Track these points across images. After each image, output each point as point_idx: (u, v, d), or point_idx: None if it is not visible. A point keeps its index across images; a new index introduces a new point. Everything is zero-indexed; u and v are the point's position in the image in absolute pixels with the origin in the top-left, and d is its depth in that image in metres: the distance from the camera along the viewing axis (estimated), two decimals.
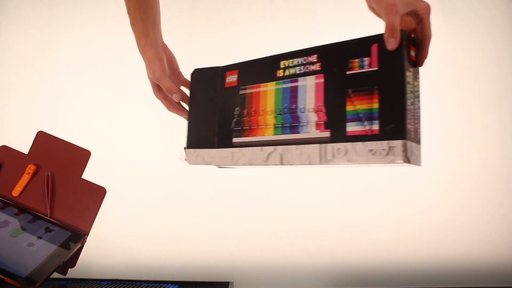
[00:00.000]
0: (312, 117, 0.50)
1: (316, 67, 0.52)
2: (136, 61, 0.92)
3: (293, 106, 0.53)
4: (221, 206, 0.80)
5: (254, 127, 0.56)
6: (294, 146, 0.51)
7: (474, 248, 0.76)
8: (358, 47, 0.48)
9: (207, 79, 0.64)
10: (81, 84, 0.90)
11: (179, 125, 0.85)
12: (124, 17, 0.93)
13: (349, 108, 0.47)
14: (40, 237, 0.77)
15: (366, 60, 0.47)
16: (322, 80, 0.50)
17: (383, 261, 0.76)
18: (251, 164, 0.56)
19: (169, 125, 0.85)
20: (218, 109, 0.61)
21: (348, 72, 0.48)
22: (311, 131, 0.50)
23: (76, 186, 0.83)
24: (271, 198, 0.81)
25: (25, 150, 0.86)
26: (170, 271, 0.77)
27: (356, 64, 0.48)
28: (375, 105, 0.45)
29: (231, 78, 0.61)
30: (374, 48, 0.47)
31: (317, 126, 0.50)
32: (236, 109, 0.59)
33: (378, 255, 0.76)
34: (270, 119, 0.55)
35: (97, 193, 0.82)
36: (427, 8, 0.53)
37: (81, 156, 0.85)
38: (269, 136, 0.54)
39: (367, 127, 0.45)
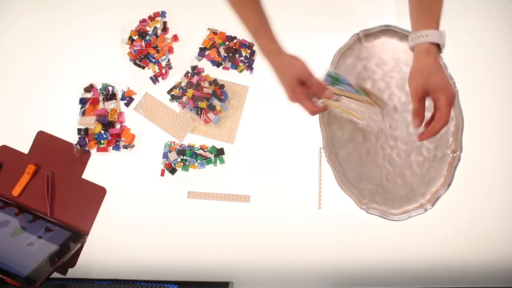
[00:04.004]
0: None
1: None
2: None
3: None
4: (222, 205, 0.80)
5: None
6: None
7: (474, 248, 0.76)
8: None
9: None
10: (82, 83, 0.89)
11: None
12: (124, 11, 0.93)
13: None
14: (40, 237, 0.77)
15: None
16: None
17: (383, 261, 0.76)
18: None
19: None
20: None
21: None
22: None
23: (76, 186, 0.83)
24: (271, 197, 0.81)
25: (25, 150, 0.86)
26: (170, 271, 0.77)
27: None
28: None
29: None
30: None
31: None
32: None
33: (378, 255, 0.76)
34: None
35: (97, 193, 0.83)
36: (451, 97, 0.58)
37: (81, 155, 0.85)
38: None
39: None
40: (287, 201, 0.80)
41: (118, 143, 0.84)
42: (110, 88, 0.87)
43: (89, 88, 0.87)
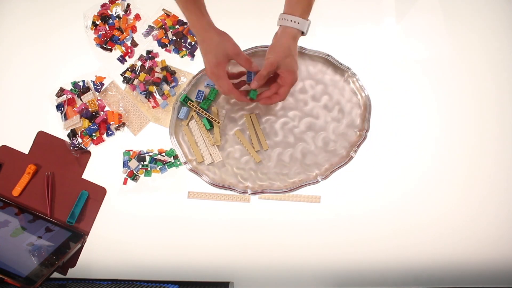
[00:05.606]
0: None
1: None
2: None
3: None
4: (222, 205, 0.80)
5: None
6: None
7: (474, 248, 0.76)
8: None
9: None
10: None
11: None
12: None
13: None
14: (40, 237, 0.77)
15: None
16: None
17: (383, 261, 0.76)
18: None
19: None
20: None
21: None
22: None
23: (76, 186, 0.83)
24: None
25: (25, 150, 0.86)
26: (170, 271, 0.77)
27: None
28: None
29: None
30: None
31: None
32: None
33: (378, 255, 0.76)
34: None
35: (97, 193, 0.83)
36: (294, 80, 0.70)
37: (81, 156, 0.85)
38: None
39: None
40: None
41: (109, 128, 0.85)
42: (80, 84, 0.88)
43: (60, 92, 0.88)
